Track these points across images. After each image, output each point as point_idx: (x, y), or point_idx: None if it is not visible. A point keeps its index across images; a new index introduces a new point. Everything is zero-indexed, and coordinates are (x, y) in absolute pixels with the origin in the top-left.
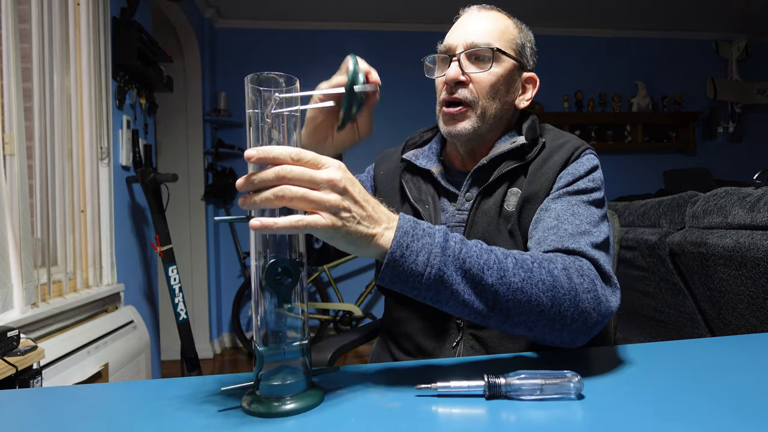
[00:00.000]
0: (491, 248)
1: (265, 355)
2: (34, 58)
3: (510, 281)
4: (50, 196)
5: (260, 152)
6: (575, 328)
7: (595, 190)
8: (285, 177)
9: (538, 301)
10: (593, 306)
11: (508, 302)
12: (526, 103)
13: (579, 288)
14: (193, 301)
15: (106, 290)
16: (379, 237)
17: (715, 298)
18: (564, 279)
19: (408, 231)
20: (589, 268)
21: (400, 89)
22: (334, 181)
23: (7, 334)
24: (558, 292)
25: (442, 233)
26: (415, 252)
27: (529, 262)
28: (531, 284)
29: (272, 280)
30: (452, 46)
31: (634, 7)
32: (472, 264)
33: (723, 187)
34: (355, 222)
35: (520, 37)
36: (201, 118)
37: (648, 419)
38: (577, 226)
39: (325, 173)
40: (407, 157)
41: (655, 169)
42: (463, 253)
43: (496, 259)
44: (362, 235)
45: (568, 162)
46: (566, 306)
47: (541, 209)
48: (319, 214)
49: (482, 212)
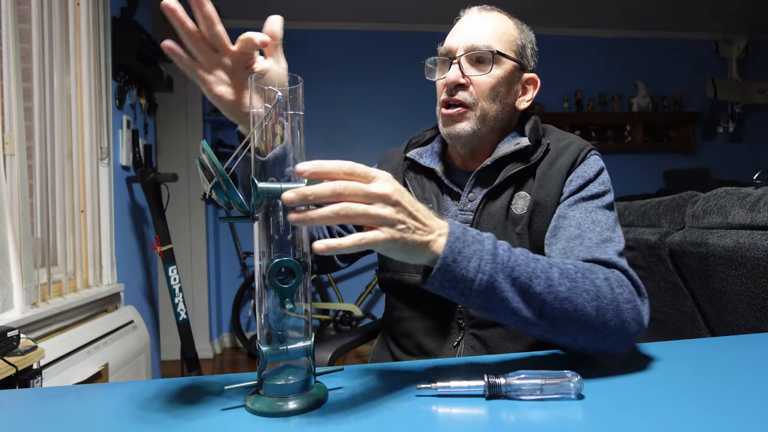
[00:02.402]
0: (536, 257)
1: (269, 354)
2: (34, 58)
3: (557, 290)
4: (50, 196)
5: (313, 167)
6: (617, 338)
7: (606, 193)
8: (341, 193)
9: (583, 310)
10: (633, 316)
11: (555, 311)
12: (526, 104)
13: (620, 298)
14: (193, 301)
15: (106, 290)
16: (432, 243)
17: (715, 298)
18: (606, 289)
19: (459, 236)
20: (624, 279)
21: (400, 89)
22: (386, 195)
23: (7, 334)
24: (602, 302)
25: (491, 240)
26: (467, 257)
27: (573, 272)
28: (576, 293)
29: (276, 280)
30: (452, 49)
31: (634, 7)
32: (520, 272)
33: (723, 187)
34: (410, 232)
35: (521, 38)
36: (201, 118)
37: (648, 419)
38: (599, 233)
39: (378, 187)
40: (411, 156)
41: (655, 169)
42: (512, 261)
43: (542, 268)
44: (417, 243)
45: (574, 164)
46: (609, 316)
47: (558, 216)
48: (378, 229)
49: (488, 214)
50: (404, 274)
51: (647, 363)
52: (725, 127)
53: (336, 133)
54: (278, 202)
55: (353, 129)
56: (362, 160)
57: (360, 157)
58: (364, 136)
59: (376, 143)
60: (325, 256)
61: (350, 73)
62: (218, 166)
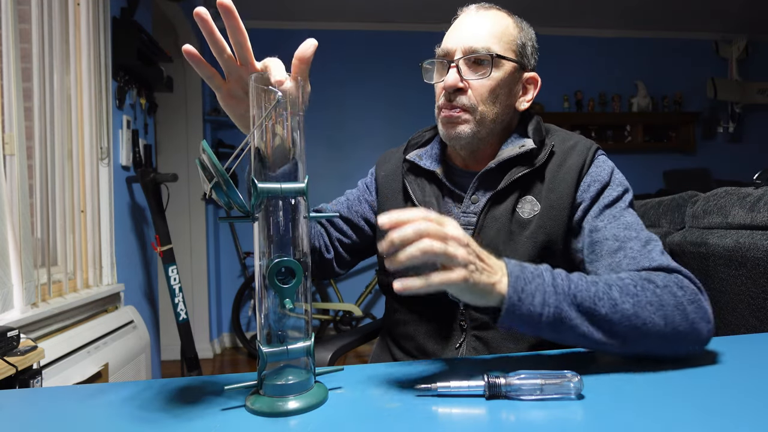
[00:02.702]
0: (594, 280)
1: (269, 355)
2: (34, 58)
3: (622, 308)
4: (50, 196)
5: (392, 219)
6: (690, 340)
7: (626, 192)
8: (423, 234)
9: (651, 322)
10: (701, 315)
11: (624, 328)
12: (526, 105)
13: (683, 301)
14: (193, 301)
15: (106, 290)
16: (498, 284)
17: (715, 298)
18: (668, 296)
19: (519, 275)
20: (682, 279)
21: (400, 89)
22: (460, 237)
23: (7, 334)
24: (667, 310)
25: (549, 272)
26: (531, 294)
27: (632, 286)
28: (641, 307)
29: (276, 280)
30: (450, 51)
31: (634, 7)
32: (584, 298)
33: (723, 187)
34: (479, 273)
35: (521, 37)
36: (201, 118)
37: (648, 419)
38: (637, 238)
39: (452, 230)
40: (411, 158)
41: (655, 169)
42: (573, 288)
43: (603, 289)
44: (485, 284)
45: (584, 167)
46: (678, 321)
47: (590, 231)
48: (452, 269)
49: (492, 218)
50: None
51: (647, 363)
52: (725, 127)
53: (336, 134)
54: (278, 202)
55: (353, 129)
56: (362, 160)
57: (359, 157)
58: (364, 136)
59: (376, 143)
60: (325, 262)
61: (350, 73)
62: (218, 166)
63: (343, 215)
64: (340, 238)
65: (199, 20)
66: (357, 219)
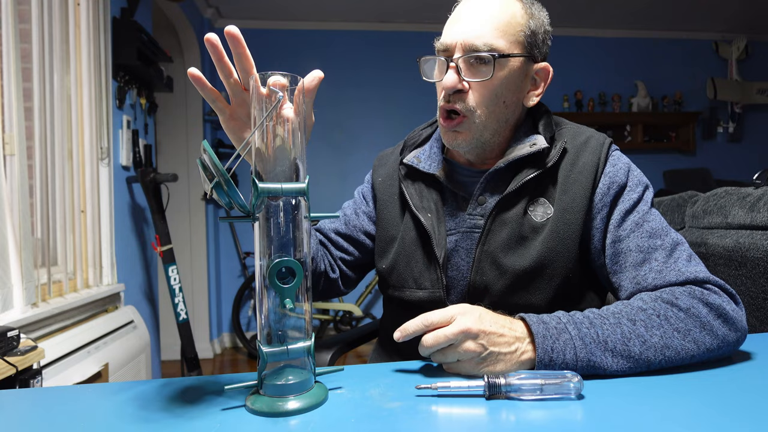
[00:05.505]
0: (616, 316)
1: (269, 355)
2: (34, 58)
3: (652, 343)
4: (50, 196)
5: (401, 333)
6: (723, 351)
7: (646, 191)
8: (431, 345)
9: (682, 348)
10: (729, 326)
11: (659, 361)
12: (536, 99)
13: (710, 318)
14: (193, 301)
15: (106, 290)
16: (525, 352)
17: None
18: (693, 319)
19: (545, 335)
20: (704, 292)
21: (400, 89)
22: (467, 329)
23: (7, 334)
24: (695, 333)
25: (572, 324)
26: (561, 351)
27: (655, 317)
28: (669, 338)
29: (276, 280)
30: (450, 46)
31: (634, 7)
32: (614, 341)
33: (723, 187)
34: (497, 348)
35: (530, 24)
36: (201, 118)
37: (647, 419)
38: (662, 248)
39: (457, 326)
40: (409, 161)
41: (655, 169)
42: (601, 334)
43: (629, 328)
44: (511, 364)
45: (598, 165)
46: (708, 341)
47: (613, 242)
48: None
49: (501, 221)
50: (405, 290)
51: None
52: (725, 127)
53: (336, 134)
54: (278, 203)
55: (353, 129)
56: (361, 160)
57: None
58: (364, 136)
59: (376, 143)
60: (331, 282)
61: (350, 73)
62: (219, 166)
63: (342, 232)
64: (343, 257)
65: (210, 46)
66: (357, 234)
